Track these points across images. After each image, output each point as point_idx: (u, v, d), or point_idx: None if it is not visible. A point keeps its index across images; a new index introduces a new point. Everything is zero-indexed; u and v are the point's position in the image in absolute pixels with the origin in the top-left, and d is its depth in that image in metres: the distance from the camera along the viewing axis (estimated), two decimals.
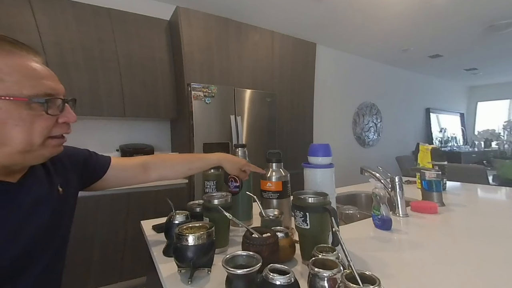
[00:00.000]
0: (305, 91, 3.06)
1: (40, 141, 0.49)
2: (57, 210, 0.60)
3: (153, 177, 0.83)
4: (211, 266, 0.63)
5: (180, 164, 0.87)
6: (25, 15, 1.80)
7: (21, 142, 0.47)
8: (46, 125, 0.49)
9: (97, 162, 0.75)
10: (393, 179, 1.08)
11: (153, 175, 0.83)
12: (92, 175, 0.74)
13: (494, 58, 4.54)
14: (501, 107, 6.52)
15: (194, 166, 0.88)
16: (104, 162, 0.76)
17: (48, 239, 0.58)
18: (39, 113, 0.48)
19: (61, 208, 0.61)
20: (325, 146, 0.81)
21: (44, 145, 0.50)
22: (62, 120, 0.52)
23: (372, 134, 4.69)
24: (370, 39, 3.66)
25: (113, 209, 1.86)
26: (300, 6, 2.70)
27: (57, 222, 0.60)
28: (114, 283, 1.90)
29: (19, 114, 0.46)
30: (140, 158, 0.84)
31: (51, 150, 0.52)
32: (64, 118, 0.52)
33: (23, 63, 0.48)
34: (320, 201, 0.65)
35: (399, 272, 0.63)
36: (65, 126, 0.53)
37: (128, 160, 0.82)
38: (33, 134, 0.48)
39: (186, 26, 2.18)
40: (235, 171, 0.88)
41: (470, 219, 1.05)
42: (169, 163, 0.87)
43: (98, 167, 0.74)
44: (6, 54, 0.46)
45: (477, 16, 2.97)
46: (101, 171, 0.75)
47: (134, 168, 0.81)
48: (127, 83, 2.15)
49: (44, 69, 0.50)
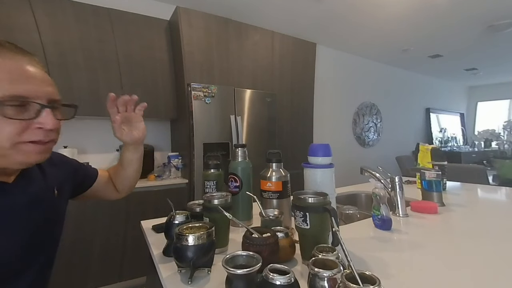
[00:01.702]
0: (305, 91, 3.06)
1: (8, 145, 0.46)
2: (52, 211, 0.60)
3: (123, 194, 0.87)
4: (211, 266, 0.63)
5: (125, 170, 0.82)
6: (25, 15, 1.80)
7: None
8: (13, 129, 0.46)
9: (86, 173, 0.77)
10: (393, 179, 1.08)
11: (122, 193, 0.86)
12: (81, 185, 0.75)
13: (494, 58, 4.53)
14: (501, 107, 6.52)
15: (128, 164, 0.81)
16: (92, 174, 0.78)
17: (42, 239, 0.58)
18: (8, 116, 0.45)
19: (56, 209, 0.62)
20: (325, 146, 0.81)
21: (16, 150, 0.47)
22: (36, 126, 0.48)
23: (372, 134, 4.69)
24: (370, 39, 3.66)
25: (113, 209, 1.86)
26: (300, 6, 2.70)
27: (51, 222, 0.60)
28: (114, 283, 1.90)
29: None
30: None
31: (26, 155, 0.49)
32: (38, 124, 0.48)
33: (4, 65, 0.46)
34: (320, 201, 0.65)
35: (399, 272, 0.63)
36: (40, 132, 0.49)
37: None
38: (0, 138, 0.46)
39: (186, 26, 2.18)
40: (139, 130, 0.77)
41: (470, 219, 1.05)
42: (124, 176, 0.83)
43: (87, 178, 0.77)
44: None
45: (477, 16, 2.97)
46: (89, 182, 0.77)
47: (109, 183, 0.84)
48: (127, 83, 2.15)
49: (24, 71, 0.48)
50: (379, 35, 3.52)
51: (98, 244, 1.82)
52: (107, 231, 1.85)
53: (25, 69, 0.48)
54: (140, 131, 0.76)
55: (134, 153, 0.79)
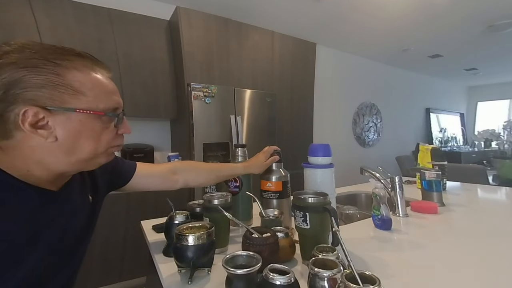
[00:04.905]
0: (305, 91, 3.06)
1: (103, 150, 0.52)
2: (88, 218, 0.61)
3: (180, 183, 0.84)
4: (211, 266, 0.63)
5: (208, 171, 0.88)
6: (25, 15, 1.79)
7: (89, 152, 0.50)
8: (111, 137, 0.52)
9: (123, 169, 0.75)
10: (393, 179, 1.08)
11: (180, 181, 0.84)
12: (118, 181, 0.74)
13: (494, 58, 4.53)
14: (501, 107, 6.52)
15: (222, 174, 0.89)
16: (130, 168, 0.77)
17: (77, 246, 0.59)
18: (107, 125, 0.51)
19: (90, 216, 0.62)
20: (325, 146, 0.81)
21: (105, 154, 0.53)
22: (121, 132, 0.55)
23: (372, 134, 4.69)
24: (370, 39, 3.66)
25: (113, 209, 1.86)
26: (300, 6, 2.70)
27: (86, 229, 0.61)
28: (114, 283, 1.90)
29: (92, 126, 0.49)
30: (169, 164, 0.85)
31: (107, 158, 0.55)
32: (123, 130, 0.55)
33: (100, 79, 0.50)
34: (320, 201, 0.65)
35: (399, 272, 0.63)
36: (122, 137, 0.56)
37: (154, 167, 0.83)
38: (100, 144, 0.51)
39: (186, 26, 2.18)
40: (262, 168, 0.91)
41: (470, 219, 1.05)
42: (197, 169, 0.89)
43: (124, 174, 0.75)
44: (88, 71, 0.49)
45: (477, 16, 2.97)
46: (126, 178, 0.76)
47: (160, 175, 0.82)
48: (127, 83, 2.15)
49: (112, 84, 0.53)
50: (379, 35, 3.52)
51: (98, 244, 1.82)
52: (107, 231, 1.85)
53: (108, 81, 0.53)
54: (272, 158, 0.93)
55: (235, 175, 0.92)
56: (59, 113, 0.45)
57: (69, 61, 0.46)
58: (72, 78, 0.46)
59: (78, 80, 0.47)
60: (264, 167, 0.90)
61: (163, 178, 0.82)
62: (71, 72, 0.46)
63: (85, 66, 0.48)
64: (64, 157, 0.48)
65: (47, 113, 0.44)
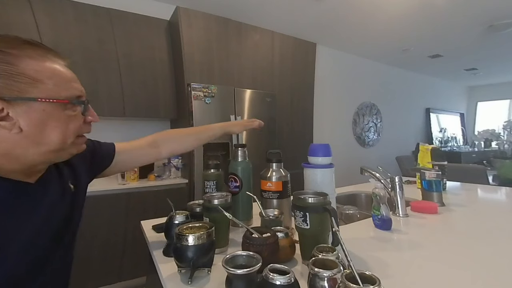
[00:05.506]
0: (305, 91, 3.06)
1: (72, 140, 0.52)
2: (70, 208, 0.60)
3: (164, 153, 0.85)
4: (211, 266, 0.63)
5: (188, 136, 0.90)
6: (25, 15, 1.80)
7: (57, 142, 0.49)
8: (78, 125, 0.52)
9: (102, 151, 0.74)
10: (393, 179, 1.08)
11: (164, 151, 0.84)
12: (100, 165, 0.74)
13: (494, 58, 4.53)
14: (501, 107, 6.52)
15: (202, 136, 0.90)
16: (109, 149, 0.76)
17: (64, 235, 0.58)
18: (73, 113, 0.51)
19: (72, 205, 0.62)
20: (325, 146, 0.81)
21: (73, 144, 0.53)
22: (90, 120, 0.56)
23: (372, 134, 4.69)
24: (370, 39, 3.66)
25: (113, 209, 1.86)
26: (300, 6, 2.70)
27: (69, 219, 0.60)
28: (114, 283, 1.90)
29: (58, 115, 0.48)
30: (148, 137, 0.85)
31: (77, 147, 0.55)
32: (91, 118, 0.56)
33: (57, 68, 0.50)
34: (320, 201, 0.65)
35: (399, 272, 0.63)
36: (89, 125, 0.56)
37: (134, 142, 0.82)
38: (68, 134, 0.50)
39: (186, 26, 2.18)
40: (241, 128, 0.93)
41: (470, 219, 1.05)
42: (178, 136, 0.90)
43: (105, 156, 0.74)
44: (42, 59, 0.48)
45: (477, 16, 2.97)
46: (107, 160, 0.75)
47: (141, 148, 0.81)
48: (127, 83, 2.15)
49: (70, 72, 0.52)
50: (379, 35, 3.52)
51: (98, 244, 1.82)
52: (107, 231, 1.85)
53: (65, 69, 0.52)
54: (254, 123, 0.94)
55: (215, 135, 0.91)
56: (20, 104, 0.44)
57: (20, 49, 0.45)
58: (25, 67, 0.45)
59: (32, 68, 0.45)
60: (243, 127, 0.92)
61: (144, 151, 0.82)
62: (24, 60, 0.45)
63: (38, 54, 0.47)
64: (33, 148, 0.47)
65: (5, 104, 0.43)
